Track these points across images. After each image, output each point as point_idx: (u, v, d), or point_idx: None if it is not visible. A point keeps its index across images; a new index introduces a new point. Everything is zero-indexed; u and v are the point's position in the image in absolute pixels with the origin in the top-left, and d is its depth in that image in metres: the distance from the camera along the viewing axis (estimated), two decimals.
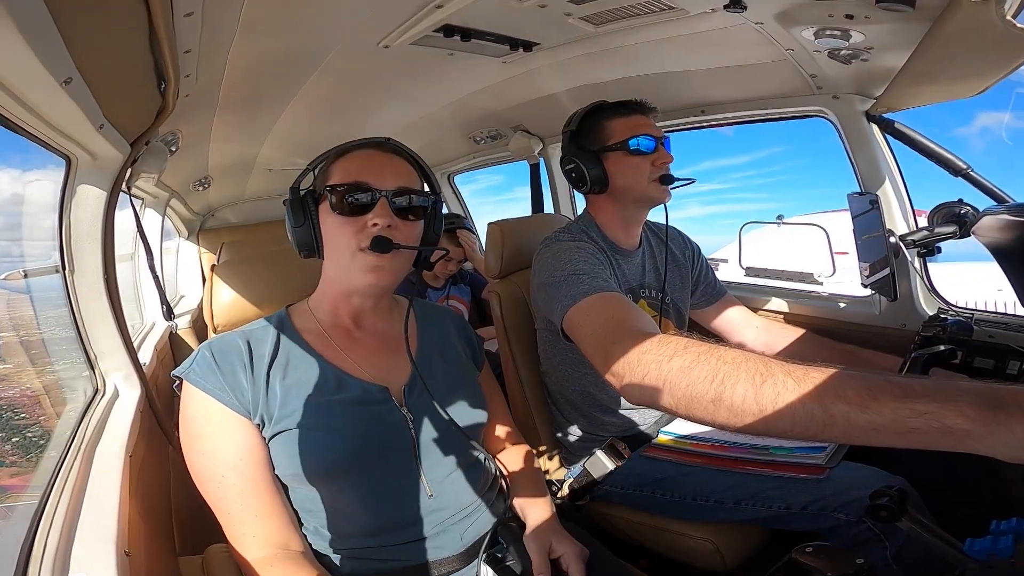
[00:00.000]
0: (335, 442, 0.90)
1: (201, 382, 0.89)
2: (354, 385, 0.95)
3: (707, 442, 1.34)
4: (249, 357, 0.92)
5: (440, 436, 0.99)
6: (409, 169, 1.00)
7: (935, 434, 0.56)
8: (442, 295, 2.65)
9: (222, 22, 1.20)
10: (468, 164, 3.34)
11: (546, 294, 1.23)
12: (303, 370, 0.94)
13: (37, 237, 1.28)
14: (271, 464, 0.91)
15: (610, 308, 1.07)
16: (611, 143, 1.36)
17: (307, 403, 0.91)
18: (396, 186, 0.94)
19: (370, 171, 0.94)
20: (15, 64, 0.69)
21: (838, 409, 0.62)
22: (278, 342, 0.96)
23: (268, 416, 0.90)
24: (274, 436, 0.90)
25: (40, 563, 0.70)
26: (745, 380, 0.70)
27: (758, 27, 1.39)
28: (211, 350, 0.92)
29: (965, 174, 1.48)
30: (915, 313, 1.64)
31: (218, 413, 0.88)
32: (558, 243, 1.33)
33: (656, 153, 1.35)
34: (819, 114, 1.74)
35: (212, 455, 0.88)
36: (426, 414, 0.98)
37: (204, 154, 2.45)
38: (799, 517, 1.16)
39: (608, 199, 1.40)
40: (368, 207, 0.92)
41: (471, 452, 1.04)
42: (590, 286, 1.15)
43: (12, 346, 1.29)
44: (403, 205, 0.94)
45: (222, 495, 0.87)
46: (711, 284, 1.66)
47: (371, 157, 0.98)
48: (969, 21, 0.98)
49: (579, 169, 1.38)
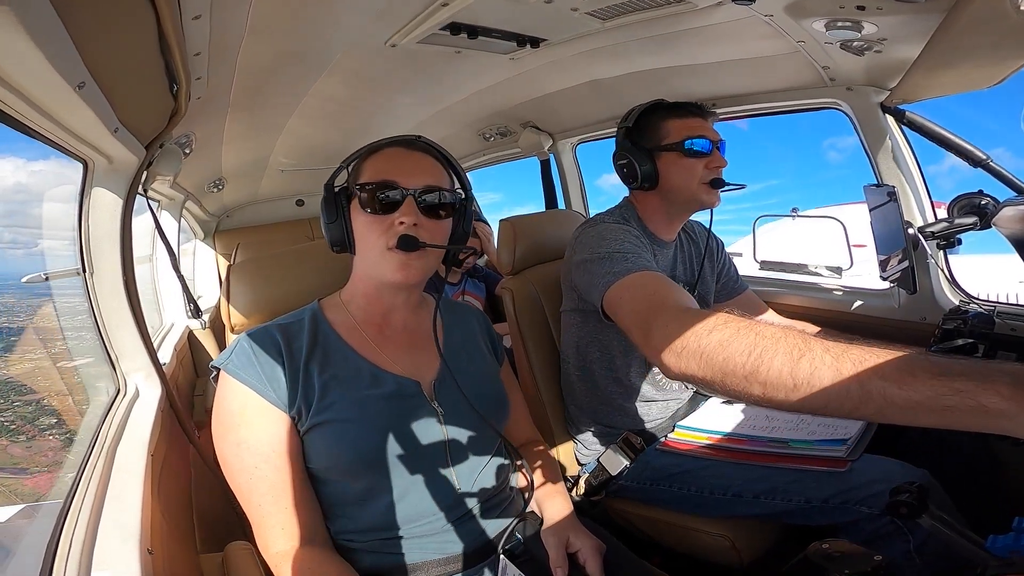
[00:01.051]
0: (372, 435, 0.92)
1: (240, 373, 0.90)
2: (389, 380, 0.96)
3: (724, 435, 1.33)
4: (287, 349, 0.93)
5: (469, 430, 1.00)
6: (437, 167, 1.00)
7: (969, 412, 0.55)
8: (457, 290, 2.66)
9: (230, 24, 1.21)
10: (478, 161, 3.34)
11: (587, 271, 1.23)
12: (339, 364, 0.96)
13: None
14: (303, 457, 0.92)
15: (653, 285, 1.07)
16: (667, 143, 1.36)
17: (344, 397, 0.92)
18: (423, 184, 0.95)
19: (398, 169, 0.95)
20: (29, 70, 0.70)
21: (875, 385, 0.61)
22: (313, 336, 0.97)
23: (306, 408, 0.91)
24: (310, 429, 0.91)
25: (66, 561, 0.72)
26: (783, 355, 0.70)
27: (768, 19, 1.37)
28: (249, 342, 0.93)
29: (985, 164, 1.45)
30: (935, 306, 1.60)
31: (255, 404, 0.89)
32: (602, 224, 1.33)
33: (711, 156, 1.35)
34: (833, 106, 1.72)
35: (246, 446, 0.89)
36: (456, 409, 0.99)
37: (217, 156, 2.48)
38: (819, 511, 1.15)
39: (656, 196, 1.41)
40: (396, 205, 0.93)
41: (496, 446, 1.06)
42: (635, 264, 1.16)
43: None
44: (430, 203, 0.95)
45: (253, 486, 0.88)
46: (732, 279, 1.66)
47: (400, 155, 0.98)
48: (982, 11, 0.97)
49: (631, 165, 1.38)
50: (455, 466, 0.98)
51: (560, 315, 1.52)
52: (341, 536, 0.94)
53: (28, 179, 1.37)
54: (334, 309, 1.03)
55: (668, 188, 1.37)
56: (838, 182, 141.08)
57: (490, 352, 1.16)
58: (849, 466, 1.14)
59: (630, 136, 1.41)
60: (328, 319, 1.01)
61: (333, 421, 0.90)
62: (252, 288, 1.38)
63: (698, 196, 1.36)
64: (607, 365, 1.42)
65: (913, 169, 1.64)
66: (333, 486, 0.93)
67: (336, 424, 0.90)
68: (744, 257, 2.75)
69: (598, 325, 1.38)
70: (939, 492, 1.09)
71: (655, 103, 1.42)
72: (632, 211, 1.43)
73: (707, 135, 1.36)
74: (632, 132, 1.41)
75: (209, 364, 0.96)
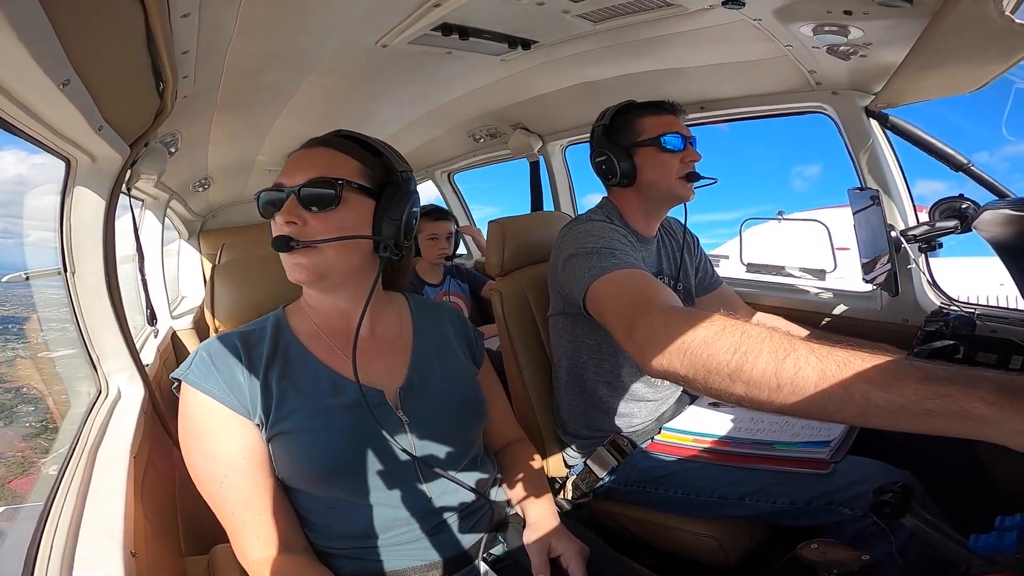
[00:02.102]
0: (333, 446, 0.89)
1: (200, 383, 0.88)
2: (349, 388, 0.93)
3: (710, 438, 1.34)
4: (246, 357, 0.91)
5: (438, 438, 0.98)
6: (338, 157, 0.93)
7: (951, 417, 0.55)
8: (440, 291, 2.64)
9: (220, 23, 1.20)
10: (468, 163, 3.34)
11: (572, 266, 1.24)
12: (299, 372, 0.93)
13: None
14: (272, 464, 0.90)
15: (639, 283, 1.07)
16: (642, 139, 1.39)
17: (304, 406, 0.90)
18: (305, 179, 0.89)
19: (287, 170, 0.91)
20: (12, 66, 0.69)
21: (858, 388, 0.61)
22: (275, 343, 0.95)
23: (266, 416, 0.89)
24: (272, 438, 0.89)
25: (47, 563, 0.71)
26: (768, 354, 0.70)
27: (756, 23, 1.39)
28: (208, 351, 0.91)
29: (965, 169, 1.48)
30: (917, 308, 1.63)
31: (218, 413, 0.87)
32: (590, 222, 1.35)
33: (685, 151, 1.39)
34: (819, 110, 1.75)
35: (214, 455, 0.87)
36: (423, 416, 0.97)
37: (204, 155, 2.45)
38: (804, 512, 1.16)
39: (633, 192, 1.43)
40: (279, 206, 0.89)
41: (470, 452, 1.03)
42: (621, 261, 1.16)
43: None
44: (311, 195, 0.88)
45: (224, 495, 0.87)
46: (708, 273, 1.68)
47: (297, 155, 0.94)
48: (967, 16, 0.99)
49: (609, 162, 1.41)
50: (425, 475, 0.95)
51: (548, 318, 1.53)
52: (318, 543, 0.92)
53: (29, 172, 1.34)
54: (297, 315, 1.00)
55: (645, 183, 1.40)
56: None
57: (465, 354, 1.13)
58: (832, 468, 1.15)
59: (607, 134, 1.43)
60: (291, 325, 0.98)
61: (293, 431, 0.88)
62: (236, 289, 1.37)
63: (674, 190, 1.40)
64: (597, 367, 1.43)
65: (896, 173, 1.67)
66: (303, 494, 0.92)
67: (296, 434, 0.88)
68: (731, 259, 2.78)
69: (586, 327, 1.39)
70: (921, 493, 1.10)
71: (628, 103, 1.45)
72: (614, 209, 1.45)
73: (680, 131, 1.39)
74: (608, 130, 1.43)
75: (170, 375, 0.94)
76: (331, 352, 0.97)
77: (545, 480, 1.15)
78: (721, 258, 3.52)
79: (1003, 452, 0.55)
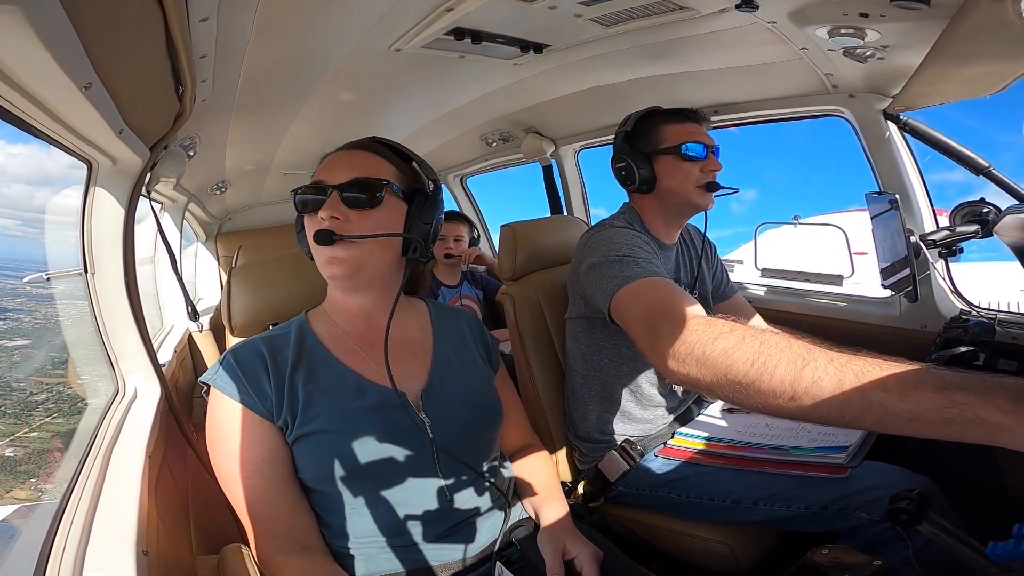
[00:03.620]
0: (357, 448, 0.91)
1: (226, 387, 0.92)
2: (373, 391, 0.96)
3: (724, 442, 1.32)
4: (272, 362, 0.94)
5: (457, 440, 0.99)
6: (376, 160, 0.98)
7: (969, 425, 0.56)
8: (455, 294, 2.66)
9: (237, 27, 1.22)
10: (481, 167, 3.35)
11: (596, 274, 1.24)
12: (324, 375, 0.96)
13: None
14: (293, 466, 0.93)
15: (661, 291, 1.08)
16: (664, 146, 1.38)
17: (329, 409, 0.92)
18: (349, 178, 0.94)
19: (328, 170, 0.96)
20: (36, 69, 0.70)
21: (876, 396, 0.62)
22: (299, 347, 0.98)
23: (291, 420, 0.92)
24: (297, 440, 0.92)
25: (60, 561, 0.72)
26: (786, 364, 0.71)
27: (771, 26, 1.38)
28: (235, 357, 0.95)
29: (987, 172, 1.45)
30: (936, 314, 1.60)
31: (242, 416, 0.91)
32: (612, 228, 1.35)
33: (706, 160, 1.38)
34: (835, 113, 1.73)
35: (236, 456, 0.90)
36: (443, 419, 0.98)
37: (221, 158, 2.49)
38: (819, 518, 1.14)
39: (653, 199, 1.43)
40: (320, 204, 0.94)
41: (487, 455, 1.05)
42: (644, 269, 1.17)
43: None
44: (354, 194, 0.94)
45: (246, 495, 0.89)
46: (724, 282, 1.66)
47: (336, 157, 1.00)
48: (985, 19, 0.97)
49: (630, 168, 1.40)
50: (445, 476, 0.97)
51: (564, 322, 1.52)
52: (335, 543, 0.94)
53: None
54: (319, 319, 1.04)
55: (664, 191, 1.39)
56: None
57: (483, 358, 1.15)
58: (849, 472, 1.14)
59: (628, 140, 1.43)
60: (314, 330, 1.02)
61: (318, 432, 0.91)
62: (253, 291, 1.38)
63: (692, 199, 1.38)
64: (616, 372, 1.42)
65: (915, 177, 1.65)
66: (323, 495, 0.94)
67: (321, 435, 0.91)
68: (745, 264, 2.75)
69: (606, 332, 1.38)
70: (939, 498, 1.08)
71: (652, 109, 1.45)
72: (635, 216, 1.44)
73: (702, 140, 1.38)
74: (630, 136, 1.43)
75: (198, 379, 0.98)
76: (355, 355, 1.00)
77: (558, 484, 1.16)
78: (735, 263, 3.48)
79: (1022, 458, 0.54)
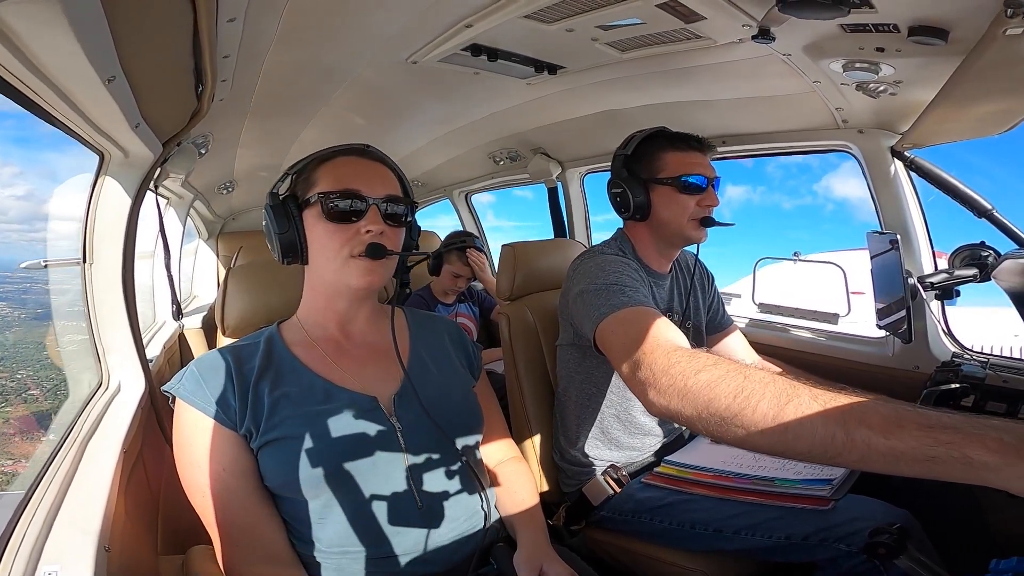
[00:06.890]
0: (323, 452, 0.90)
1: (190, 397, 0.92)
2: (342, 396, 0.95)
3: (711, 472, 1.31)
4: (236, 371, 0.94)
5: (431, 447, 0.98)
6: (392, 176, 1.02)
7: (953, 464, 0.56)
8: (451, 312, 2.67)
9: (261, 29, 1.23)
10: (486, 184, 3.36)
11: (583, 301, 1.23)
12: (291, 382, 0.95)
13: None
14: (259, 476, 0.92)
15: (646, 321, 1.06)
16: (662, 176, 1.36)
17: (295, 414, 0.91)
18: (385, 193, 0.97)
19: (359, 178, 0.96)
20: (63, 60, 0.71)
21: (860, 434, 0.62)
22: (267, 356, 0.97)
23: (255, 427, 0.91)
24: (262, 447, 0.91)
25: (17, 551, 0.70)
26: (769, 399, 0.71)
27: (786, 58, 1.39)
28: (198, 367, 0.95)
29: (989, 215, 1.46)
30: (929, 356, 1.61)
31: (205, 426, 0.90)
32: (603, 255, 1.33)
33: (704, 194, 1.35)
34: (843, 148, 1.74)
35: (200, 466, 0.89)
36: (416, 424, 0.97)
37: (231, 158, 2.50)
38: (799, 548, 1.14)
39: (646, 227, 1.41)
40: (360, 214, 0.94)
41: (463, 464, 1.02)
42: (631, 299, 1.15)
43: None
44: (392, 212, 0.97)
45: (210, 504, 0.88)
46: (719, 313, 1.65)
47: (357, 164, 1.00)
48: (1001, 56, 0.97)
49: (625, 195, 1.37)
50: (417, 484, 0.95)
51: (556, 347, 1.52)
52: (306, 553, 0.92)
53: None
54: (291, 328, 1.04)
55: (658, 221, 1.38)
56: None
57: (463, 364, 1.14)
58: (832, 505, 1.13)
59: (627, 164, 1.40)
60: (284, 339, 1.02)
61: (283, 439, 0.90)
62: (248, 293, 1.37)
63: (685, 232, 1.37)
64: (606, 400, 1.41)
65: (917, 217, 1.66)
66: (291, 503, 0.92)
67: (286, 441, 0.90)
68: (743, 298, 2.76)
69: (595, 360, 1.37)
70: (919, 533, 1.08)
71: (657, 131, 1.42)
72: (628, 243, 1.43)
73: (704, 172, 1.36)
74: (630, 160, 1.40)
75: (161, 388, 0.98)
76: (323, 361, 0.99)
77: (538, 502, 1.14)
78: (733, 296, 3.49)
79: (1002, 497, 0.56)
